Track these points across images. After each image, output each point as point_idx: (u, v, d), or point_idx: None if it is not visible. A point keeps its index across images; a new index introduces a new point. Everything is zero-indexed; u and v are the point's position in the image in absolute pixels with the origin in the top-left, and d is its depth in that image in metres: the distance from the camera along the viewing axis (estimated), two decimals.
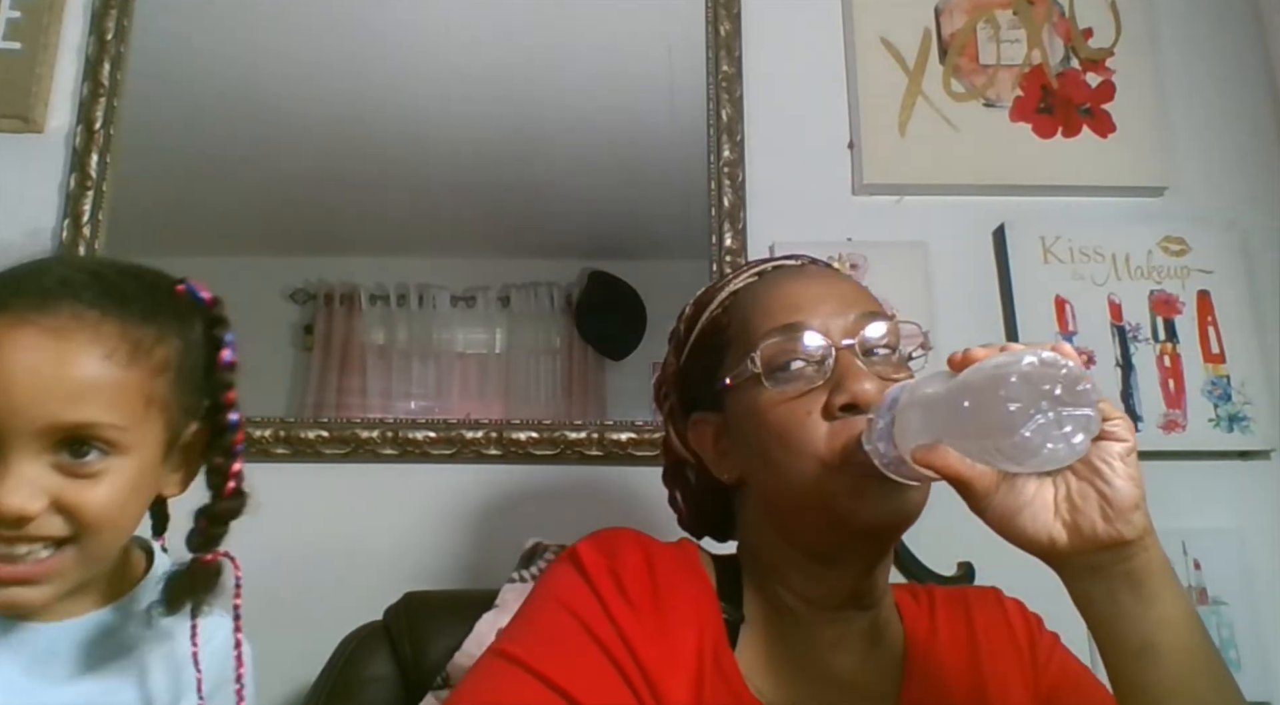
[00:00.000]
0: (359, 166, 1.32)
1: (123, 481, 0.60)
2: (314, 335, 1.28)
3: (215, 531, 0.68)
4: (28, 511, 0.56)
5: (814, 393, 0.69)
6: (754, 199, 1.33)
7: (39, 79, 1.30)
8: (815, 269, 0.80)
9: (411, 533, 1.20)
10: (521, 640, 0.67)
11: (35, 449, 0.57)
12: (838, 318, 0.72)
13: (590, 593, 0.68)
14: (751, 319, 0.75)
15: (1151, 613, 0.56)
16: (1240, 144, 1.40)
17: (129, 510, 0.63)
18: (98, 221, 1.26)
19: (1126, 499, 0.55)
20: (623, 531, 0.75)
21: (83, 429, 0.58)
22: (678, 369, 0.82)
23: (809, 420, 0.69)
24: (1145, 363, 1.28)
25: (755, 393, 0.71)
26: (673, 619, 0.68)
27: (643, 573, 0.70)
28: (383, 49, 1.36)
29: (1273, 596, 1.22)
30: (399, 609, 1.00)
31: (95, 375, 0.59)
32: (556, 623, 0.67)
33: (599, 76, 1.37)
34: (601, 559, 0.71)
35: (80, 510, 0.58)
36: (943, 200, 1.35)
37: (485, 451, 1.22)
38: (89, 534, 0.59)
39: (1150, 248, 1.33)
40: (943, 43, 1.40)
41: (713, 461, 0.78)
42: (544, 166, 1.33)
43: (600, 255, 1.32)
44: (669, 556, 0.73)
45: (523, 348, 1.30)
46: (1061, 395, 0.53)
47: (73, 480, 0.58)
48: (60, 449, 0.58)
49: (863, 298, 0.75)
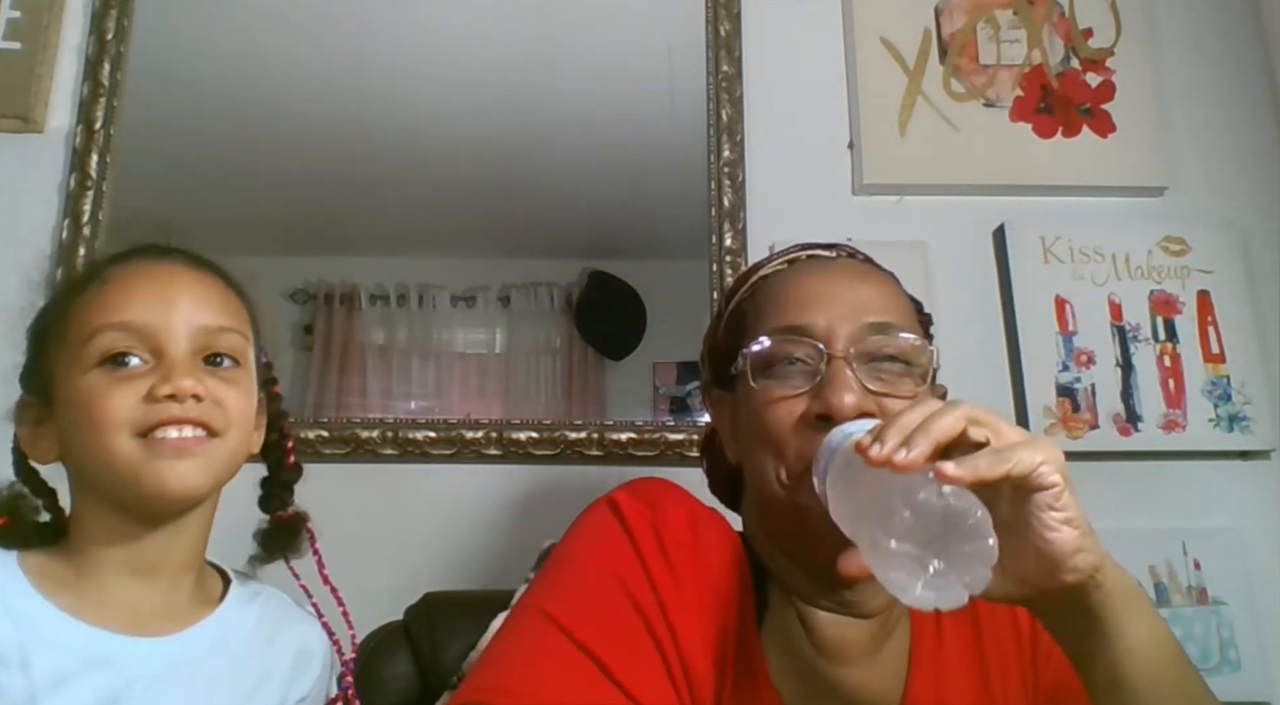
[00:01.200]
0: (359, 166, 1.32)
1: (247, 392, 0.75)
2: (314, 335, 1.28)
3: (283, 494, 0.83)
4: (198, 391, 0.69)
5: (801, 397, 0.69)
6: (754, 199, 1.33)
7: (39, 79, 1.30)
8: (844, 264, 0.77)
9: (412, 533, 1.20)
10: (562, 599, 0.65)
11: (191, 351, 0.71)
12: (845, 323, 0.70)
13: (632, 550, 0.67)
14: (765, 311, 0.74)
15: (1118, 645, 0.56)
16: (1240, 144, 1.40)
17: (248, 424, 0.75)
18: (98, 221, 1.26)
19: (1064, 548, 0.54)
20: (664, 483, 0.74)
21: (224, 332, 0.73)
22: (714, 342, 0.82)
23: (787, 424, 0.68)
24: (1145, 363, 1.28)
25: (750, 386, 0.71)
26: (710, 591, 0.67)
27: (687, 533, 0.69)
28: (383, 49, 1.36)
29: (1273, 596, 1.22)
30: (419, 609, 1.00)
31: (223, 297, 0.76)
32: (597, 583, 0.65)
33: (599, 76, 1.37)
34: (645, 511, 0.69)
35: (224, 403, 0.71)
36: (943, 200, 1.35)
37: (485, 451, 1.22)
38: (228, 431, 0.72)
39: (1150, 248, 1.33)
40: (943, 43, 1.40)
41: (727, 440, 0.79)
42: (544, 166, 1.33)
43: (600, 255, 1.32)
44: (715, 521, 0.72)
45: (523, 348, 1.30)
46: (948, 536, 0.50)
47: (216, 381, 0.71)
48: (206, 357, 0.72)
49: (883, 305, 0.73)
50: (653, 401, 1.27)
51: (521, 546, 1.07)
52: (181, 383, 0.68)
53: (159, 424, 0.68)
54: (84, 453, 0.69)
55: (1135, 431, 1.25)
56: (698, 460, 1.22)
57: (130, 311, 0.70)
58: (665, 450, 1.23)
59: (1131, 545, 1.20)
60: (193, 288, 0.74)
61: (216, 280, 0.77)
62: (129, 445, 0.67)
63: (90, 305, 0.71)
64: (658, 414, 1.26)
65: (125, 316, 0.70)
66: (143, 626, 0.70)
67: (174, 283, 0.74)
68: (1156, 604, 1.19)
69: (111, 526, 0.71)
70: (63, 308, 0.73)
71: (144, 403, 0.68)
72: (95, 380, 0.68)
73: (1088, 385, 1.27)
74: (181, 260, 0.76)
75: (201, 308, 0.73)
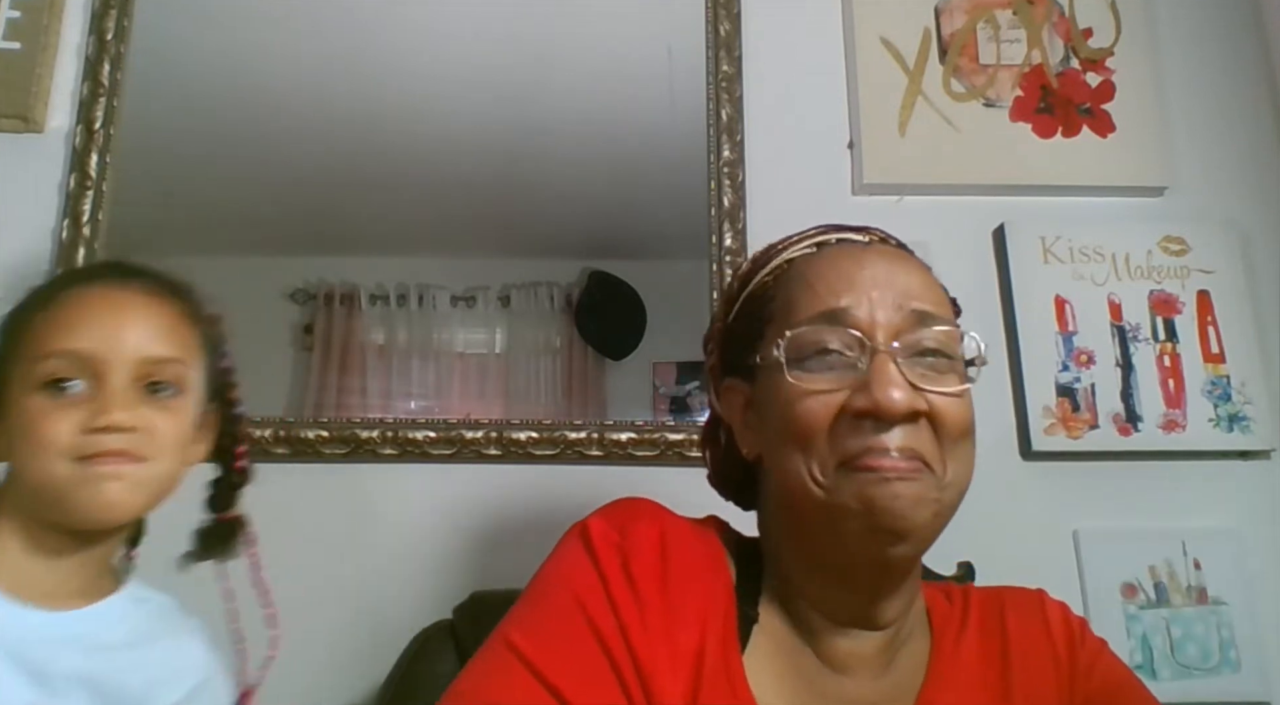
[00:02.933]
0: (359, 166, 1.32)
1: (184, 419, 0.80)
2: (314, 335, 1.28)
3: (228, 496, 0.88)
4: (133, 424, 0.74)
5: (839, 392, 0.65)
6: (754, 199, 1.33)
7: (39, 79, 1.30)
8: (879, 250, 0.73)
9: (410, 533, 1.20)
10: (526, 628, 0.65)
11: (132, 380, 0.76)
12: (887, 312, 0.66)
13: (595, 575, 0.66)
14: (795, 296, 0.70)
15: None
16: (1240, 144, 1.40)
17: (181, 447, 0.79)
18: (98, 221, 1.26)
19: None
20: (642, 504, 0.72)
21: (167, 363, 0.78)
22: (724, 327, 0.78)
23: (824, 419, 0.65)
24: (1145, 363, 1.28)
25: (781, 377, 0.67)
26: (679, 612, 0.65)
27: (654, 555, 0.67)
28: (383, 49, 1.35)
29: (1273, 596, 1.22)
30: (466, 608, 1.00)
31: (172, 326, 0.80)
32: (561, 611, 0.65)
33: (599, 76, 1.37)
34: (613, 535, 0.68)
35: (155, 431, 0.76)
36: (943, 200, 1.35)
37: (485, 451, 1.22)
38: (159, 457, 0.77)
39: (1150, 247, 1.33)
40: (943, 43, 1.40)
41: (738, 431, 0.75)
42: (544, 166, 1.33)
43: (600, 255, 1.32)
44: (688, 538, 0.70)
45: (523, 348, 1.30)
46: None
47: (152, 410, 0.77)
48: (148, 384, 0.77)
49: (925, 292, 0.69)
50: (653, 401, 1.27)
51: (522, 547, 1.07)
52: (115, 417, 0.74)
53: (92, 455, 0.73)
54: (22, 468, 0.76)
55: (1135, 431, 1.25)
56: (698, 460, 1.21)
57: (77, 339, 0.75)
58: (665, 450, 1.23)
59: (1131, 545, 1.21)
60: (142, 318, 0.79)
61: (168, 307, 0.81)
62: (63, 469, 0.73)
63: (43, 327, 0.77)
64: (658, 414, 1.26)
65: (72, 344, 0.75)
66: (29, 596, 0.74)
67: (124, 311, 0.79)
68: (1156, 604, 1.19)
69: (32, 533, 0.76)
70: (19, 323, 0.79)
71: (80, 432, 0.73)
72: (38, 402, 0.74)
73: (1088, 385, 1.27)
74: (138, 287, 0.81)
75: (148, 339, 0.78)
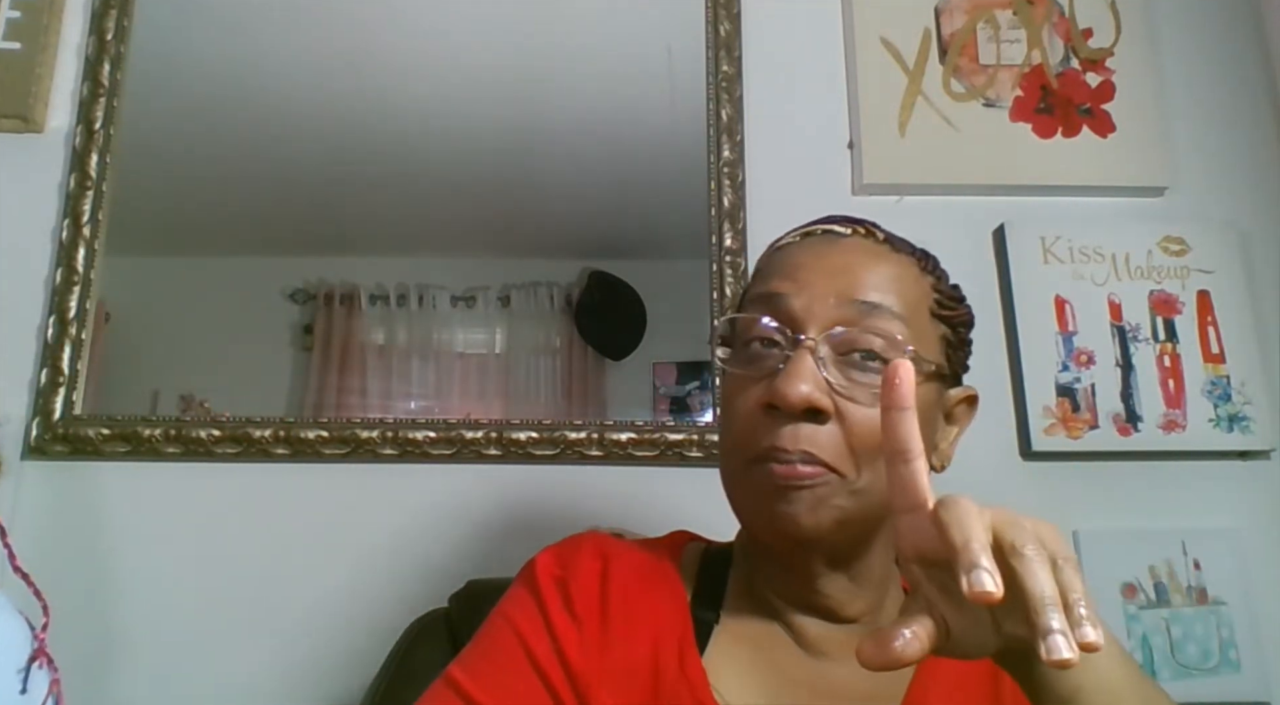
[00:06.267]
0: (359, 166, 1.32)
1: None
2: (314, 335, 1.28)
3: None
4: None
5: (762, 382, 0.65)
6: (754, 199, 1.33)
7: (39, 79, 1.30)
8: (851, 243, 0.70)
9: (410, 533, 1.20)
10: (466, 664, 0.68)
11: None
12: (825, 303, 0.64)
13: (535, 605, 0.68)
14: (753, 285, 0.71)
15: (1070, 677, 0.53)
16: (1240, 144, 1.40)
17: None
18: (98, 221, 1.26)
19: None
20: (587, 539, 0.74)
21: None
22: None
23: (741, 407, 0.66)
24: (1145, 363, 1.28)
25: (719, 364, 0.69)
26: (622, 629, 0.67)
27: (593, 583, 0.69)
28: (383, 49, 1.36)
29: (1273, 596, 1.22)
30: (462, 596, 1.00)
31: None
32: (499, 642, 0.68)
33: (599, 76, 1.37)
34: (555, 569, 0.70)
35: None
36: (943, 200, 1.35)
37: (485, 451, 1.22)
38: None
39: (1150, 248, 1.33)
40: (943, 43, 1.40)
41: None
42: (544, 166, 1.33)
43: (600, 255, 1.32)
44: (633, 562, 0.72)
45: (523, 348, 1.30)
46: None
47: None
48: None
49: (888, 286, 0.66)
50: (653, 401, 1.27)
51: (522, 546, 1.07)
52: None
53: None
54: None
55: (1135, 431, 1.25)
56: (698, 460, 1.22)
57: None
58: (665, 450, 1.23)
59: (1131, 545, 1.21)
60: None
61: None
62: None
63: None
64: (658, 414, 1.26)
65: None
66: None
67: None
68: (1156, 604, 1.19)
69: None
70: None
71: None
72: None
73: (1087, 385, 1.27)
74: None
75: None
